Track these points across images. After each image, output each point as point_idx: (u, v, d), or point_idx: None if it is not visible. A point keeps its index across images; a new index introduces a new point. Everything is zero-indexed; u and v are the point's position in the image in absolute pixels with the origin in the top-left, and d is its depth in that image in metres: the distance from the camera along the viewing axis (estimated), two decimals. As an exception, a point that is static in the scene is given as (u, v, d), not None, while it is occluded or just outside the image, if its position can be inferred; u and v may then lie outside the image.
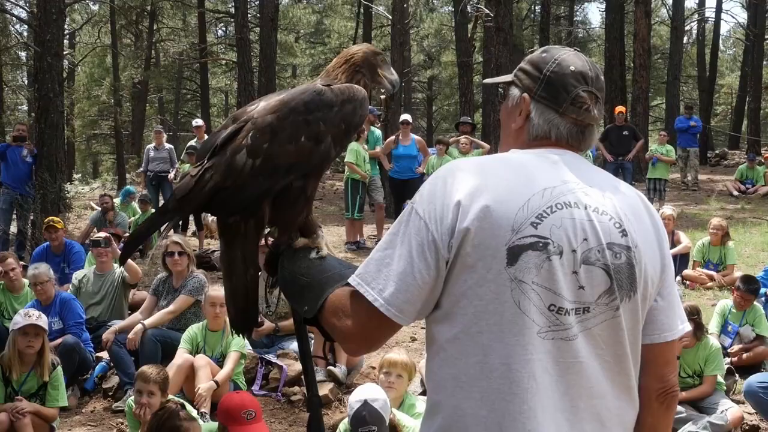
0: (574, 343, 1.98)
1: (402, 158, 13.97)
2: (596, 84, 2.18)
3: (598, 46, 44.00)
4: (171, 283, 8.12)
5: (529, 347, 1.95)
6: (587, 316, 2.00)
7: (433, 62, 47.16)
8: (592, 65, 2.20)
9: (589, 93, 2.16)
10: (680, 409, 6.70)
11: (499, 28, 18.69)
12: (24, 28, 31.72)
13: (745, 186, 20.65)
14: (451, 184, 2.01)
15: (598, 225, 2.01)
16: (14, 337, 6.65)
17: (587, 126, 2.17)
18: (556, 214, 1.98)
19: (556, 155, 2.12)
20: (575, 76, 2.15)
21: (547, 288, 1.96)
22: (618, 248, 2.02)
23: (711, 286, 10.56)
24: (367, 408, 4.96)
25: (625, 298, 2.03)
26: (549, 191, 2.01)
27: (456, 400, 2.00)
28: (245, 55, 23.85)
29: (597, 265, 2.00)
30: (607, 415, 2.03)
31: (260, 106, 2.38)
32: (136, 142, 37.14)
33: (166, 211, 2.42)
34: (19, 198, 13.91)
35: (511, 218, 1.95)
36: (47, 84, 15.48)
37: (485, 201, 1.96)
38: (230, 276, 2.45)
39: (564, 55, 2.19)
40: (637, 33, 24.66)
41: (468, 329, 1.98)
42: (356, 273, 2.07)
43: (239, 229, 2.39)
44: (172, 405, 5.53)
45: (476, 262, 1.95)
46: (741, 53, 44.67)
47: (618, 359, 2.05)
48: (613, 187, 2.14)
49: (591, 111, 2.15)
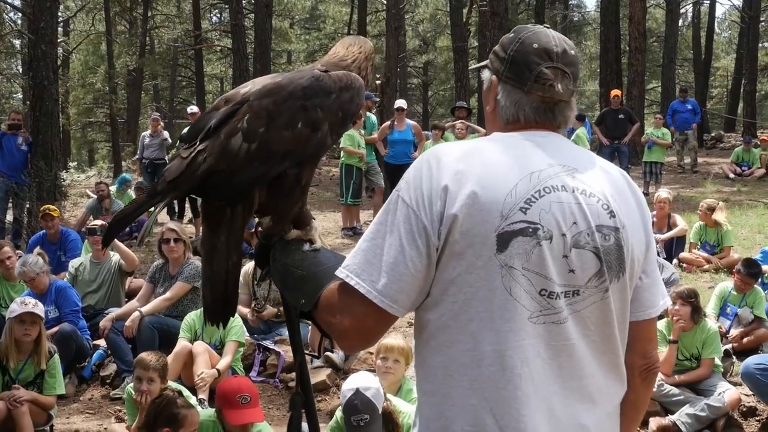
0: (565, 326, 1.98)
1: (397, 143, 13.96)
2: (563, 59, 2.12)
3: (594, 30, 44.00)
4: (167, 271, 8.11)
5: (521, 333, 1.94)
6: (577, 299, 1.99)
7: (428, 47, 47.07)
8: (560, 40, 2.15)
9: (554, 68, 2.10)
10: (677, 391, 6.73)
11: (494, 12, 18.67)
12: (18, 16, 31.53)
13: (741, 168, 20.64)
14: (436, 168, 1.99)
15: (586, 207, 2.00)
16: (11, 325, 6.64)
17: (556, 103, 2.13)
18: (545, 198, 1.97)
19: (539, 137, 2.09)
20: (538, 53, 2.11)
21: (538, 273, 1.95)
22: (607, 230, 2.02)
23: (708, 268, 10.55)
24: (359, 396, 4.95)
25: (614, 279, 2.03)
26: (536, 175, 1.99)
27: (446, 388, 2.00)
28: (240, 42, 23.80)
29: (587, 248, 1.99)
30: (597, 394, 2.04)
31: (256, 89, 2.31)
32: (131, 129, 37.01)
33: (156, 193, 2.27)
34: (14, 186, 13.88)
35: (500, 204, 1.93)
36: (42, 72, 15.40)
37: (472, 187, 1.94)
38: (211, 262, 2.35)
39: (528, 34, 2.15)
40: (632, 16, 24.62)
41: (458, 317, 1.97)
42: (344, 265, 2.03)
43: (225, 213, 2.30)
44: (170, 392, 5.53)
45: (465, 249, 1.93)
46: (736, 35, 44.70)
47: (606, 339, 2.06)
48: (598, 167, 2.12)
49: (555, 87, 2.09)
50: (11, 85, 40.94)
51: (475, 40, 31.62)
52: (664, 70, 33.12)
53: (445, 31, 40.51)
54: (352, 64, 2.47)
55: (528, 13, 41.90)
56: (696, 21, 42.96)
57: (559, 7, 43.12)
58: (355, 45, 2.55)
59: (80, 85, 39.33)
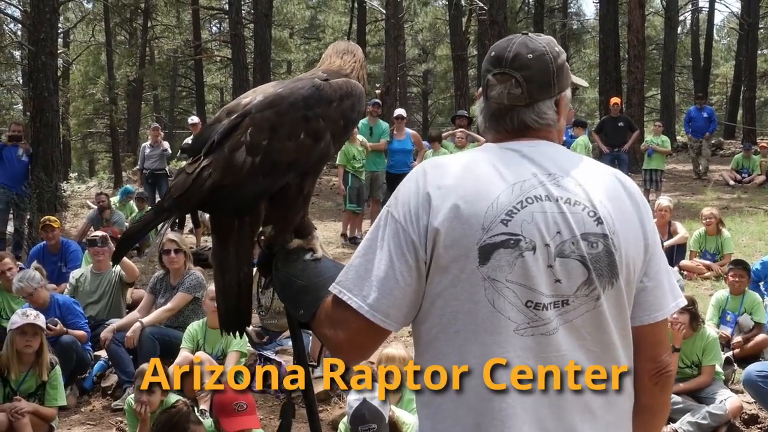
0: (554, 337, 1.97)
1: (397, 153, 13.97)
2: (513, 63, 2.10)
3: (593, 38, 44.03)
4: (168, 281, 8.11)
5: (506, 345, 1.95)
6: (566, 308, 1.98)
7: (427, 56, 47.19)
8: (518, 45, 2.12)
9: (501, 74, 2.10)
10: (679, 399, 6.71)
11: (493, 21, 18.69)
12: (18, 27, 31.61)
13: (741, 175, 20.62)
14: (423, 184, 2.01)
15: (570, 216, 1.99)
16: (12, 336, 6.64)
17: (510, 109, 2.12)
18: (527, 209, 1.97)
19: (528, 146, 2.09)
20: (490, 61, 2.14)
21: (523, 285, 1.95)
22: (594, 237, 2.00)
23: (708, 276, 10.56)
24: (366, 406, 4.95)
25: (606, 286, 2.01)
26: (519, 186, 1.99)
27: (438, 400, 2.01)
28: (240, 52, 23.86)
29: (572, 257, 1.98)
30: (596, 404, 2.02)
31: (257, 100, 2.30)
32: (131, 140, 37.07)
33: (162, 209, 2.31)
34: (15, 197, 13.85)
35: (481, 217, 1.94)
36: (42, 83, 15.43)
37: (454, 200, 1.95)
38: (223, 274, 2.38)
39: (497, 43, 2.18)
40: (631, 24, 24.63)
41: (446, 329, 1.99)
42: (337, 281, 2.05)
43: (233, 226, 2.32)
44: (183, 406, 5.54)
45: (449, 263, 1.95)
46: (735, 43, 44.73)
47: (606, 347, 2.04)
48: (588, 172, 2.10)
49: (492, 92, 2.11)
50: (11, 96, 41.05)
51: (474, 48, 31.71)
52: (664, 77, 33.19)
53: (445, 40, 40.60)
54: (351, 73, 2.48)
55: (527, 21, 42.01)
56: (695, 28, 43.06)
57: (558, 15, 43.26)
58: (349, 53, 2.55)
59: (80, 95, 39.41)
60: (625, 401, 2.11)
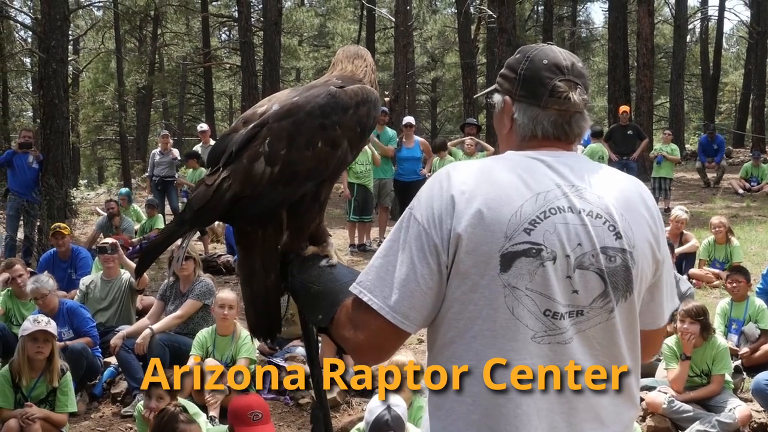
0: (569, 346, 2.00)
1: (406, 160, 14.01)
2: (573, 72, 2.16)
3: (602, 46, 44.08)
4: (178, 288, 8.14)
5: (523, 352, 1.97)
6: (581, 319, 2.01)
7: (436, 64, 47.17)
8: (567, 54, 2.19)
9: (567, 81, 2.14)
10: (688, 408, 6.71)
11: (502, 28, 18.65)
12: (28, 34, 31.83)
13: (750, 184, 20.58)
14: (447, 188, 2.01)
15: (591, 229, 2.01)
16: (23, 343, 6.66)
17: (573, 114, 2.16)
18: (549, 219, 1.98)
19: (550, 157, 2.10)
20: (549, 68, 2.15)
21: (542, 293, 1.97)
22: (612, 251, 2.02)
23: (717, 284, 10.53)
24: (390, 413, 4.98)
25: (620, 299, 2.04)
26: (542, 196, 2.01)
27: (451, 403, 2.03)
28: (249, 59, 23.86)
29: (591, 269, 2.00)
30: (605, 414, 2.05)
31: (273, 109, 2.31)
32: (141, 146, 37.23)
33: (184, 221, 2.32)
34: (25, 204, 13.90)
35: (504, 224, 1.96)
36: (52, 90, 15.53)
37: (478, 206, 1.96)
38: (250, 282, 2.40)
39: (536, 52, 2.19)
40: (640, 32, 24.60)
41: (462, 334, 2.00)
42: (357, 281, 2.06)
43: (257, 235, 2.34)
44: (172, 408, 5.56)
45: (470, 268, 1.96)
46: (744, 51, 44.66)
47: (614, 359, 2.07)
48: (610, 183, 2.12)
49: (570, 98, 2.13)
50: (22, 104, 41.29)
51: (483, 56, 31.68)
52: (673, 86, 33.14)
53: (454, 48, 40.56)
54: (364, 78, 2.49)
55: (536, 29, 42.06)
56: (704, 37, 42.95)
57: (567, 23, 43.28)
58: (360, 58, 2.55)
59: (90, 102, 39.54)
60: (632, 412, 2.14)
